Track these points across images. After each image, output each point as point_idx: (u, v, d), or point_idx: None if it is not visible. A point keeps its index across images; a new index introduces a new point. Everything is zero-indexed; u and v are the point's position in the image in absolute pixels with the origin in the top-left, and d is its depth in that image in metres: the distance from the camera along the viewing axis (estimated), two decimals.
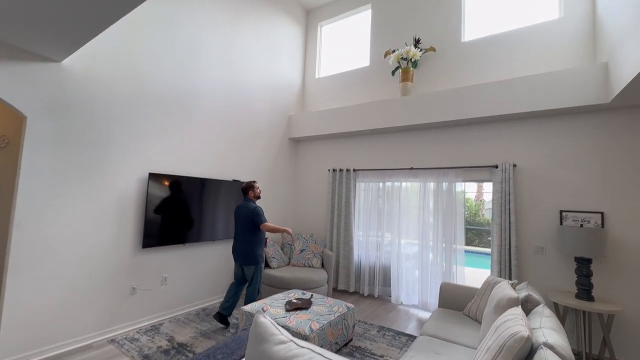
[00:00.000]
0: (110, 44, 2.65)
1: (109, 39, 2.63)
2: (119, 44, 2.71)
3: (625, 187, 2.73)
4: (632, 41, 2.21)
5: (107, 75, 2.64)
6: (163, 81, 3.06)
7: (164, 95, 3.07)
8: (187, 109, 3.28)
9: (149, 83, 2.94)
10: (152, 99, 2.96)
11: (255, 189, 3.10)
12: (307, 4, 5.03)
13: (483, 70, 3.54)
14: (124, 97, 2.76)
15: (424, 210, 3.72)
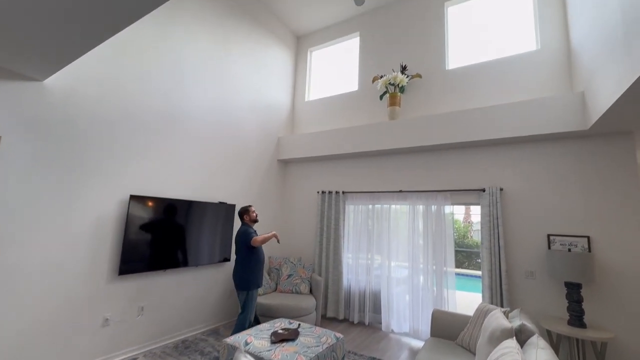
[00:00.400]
0: (96, 64, 2.62)
1: (94, 59, 2.60)
2: (104, 64, 2.68)
3: (608, 211, 2.78)
4: (605, 73, 2.32)
5: (90, 96, 2.58)
6: (149, 102, 3.02)
7: (150, 116, 3.02)
8: (173, 130, 3.23)
9: (134, 104, 2.89)
10: (136, 119, 2.91)
11: (250, 212, 3.12)
12: (298, 31, 5.18)
13: (467, 97, 3.66)
14: (108, 117, 2.69)
15: (413, 232, 3.69)
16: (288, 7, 4.60)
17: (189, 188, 3.36)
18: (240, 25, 4.15)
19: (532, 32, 3.50)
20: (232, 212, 3.76)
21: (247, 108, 4.22)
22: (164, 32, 3.17)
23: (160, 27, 3.13)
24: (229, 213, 3.73)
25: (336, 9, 4.62)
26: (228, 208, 3.73)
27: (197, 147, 3.48)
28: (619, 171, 2.78)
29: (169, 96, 3.20)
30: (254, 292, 2.94)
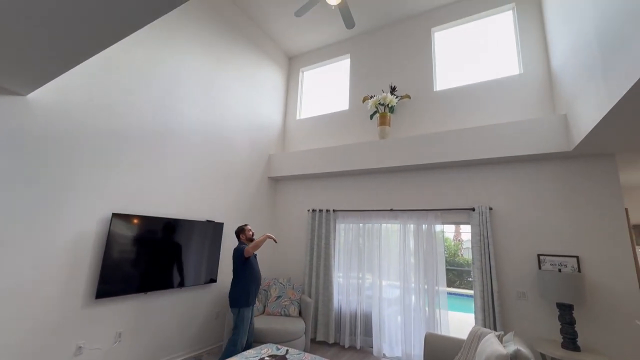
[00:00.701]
0: (83, 78, 2.57)
1: (82, 73, 2.56)
2: (92, 78, 2.64)
3: (595, 231, 2.82)
4: (585, 97, 2.41)
5: (76, 110, 2.52)
6: (138, 118, 2.97)
7: (138, 132, 2.96)
8: (162, 147, 3.17)
9: (122, 119, 2.84)
10: (124, 135, 2.84)
11: (246, 231, 3.17)
12: (290, 51, 5.29)
13: (455, 118, 3.74)
14: (93, 132, 2.62)
15: (404, 250, 3.64)
16: (281, 29, 4.71)
17: (175, 206, 3.27)
18: (234, 45, 4.20)
19: (514, 56, 3.66)
20: (219, 230, 3.66)
21: (239, 125, 4.21)
22: (156, 47, 3.18)
23: (152, 42, 3.14)
24: (216, 232, 3.63)
25: (327, 32, 4.75)
26: (216, 226, 3.63)
27: (186, 163, 3.41)
28: (604, 192, 2.84)
29: (159, 112, 3.16)
30: (245, 312, 2.83)
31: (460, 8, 4.03)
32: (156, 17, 1.43)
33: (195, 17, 3.64)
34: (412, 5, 4.15)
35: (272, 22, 4.56)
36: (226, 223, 3.81)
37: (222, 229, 3.68)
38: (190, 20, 3.58)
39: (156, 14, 1.41)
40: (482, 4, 3.89)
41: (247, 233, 3.16)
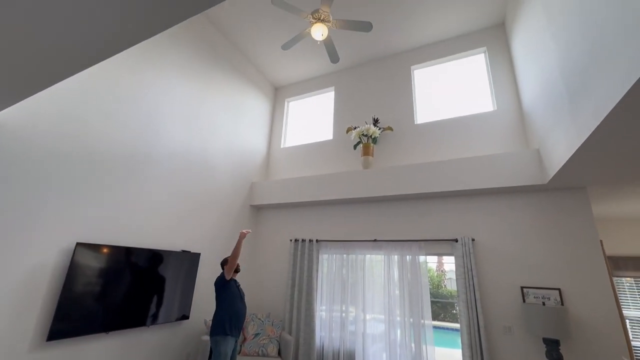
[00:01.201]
0: (57, 99, 2.47)
1: (56, 94, 2.46)
2: (67, 99, 2.53)
3: (574, 263, 2.86)
4: (556, 134, 2.55)
5: (47, 132, 2.39)
6: (115, 141, 2.85)
7: (114, 156, 2.84)
8: (139, 172, 3.04)
9: (97, 142, 2.72)
10: (98, 159, 2.71)
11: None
12: (276, 82, 5.42)
13: (436, 150, 3.86)
14: (64, 156, 2.48)
15: (389, 282, 3.54)
16: (268, 61, 4.84)
17: (149, 235, 3.07)
18: (221, 72, 4.26)
19: (488, 94, 3.89)
20: (195, 261, 3.45)
21: (222, 152, 4.15)
22: (139, 70, 3.14)
23: (134, 64, 3.11)
24: (192, 263, 3.41)
25: (313, 65, 4.92)
26: (192, 257, 3.42)
27: (164, 190, 3.27)
28: (579, 224, 2.92)
29: (138, 136, 3.06)
30: (221, 343, 2.65)
31: (436, 50, 4.32)
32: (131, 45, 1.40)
33: (182, 43, 3.69)
34: (392, 45, 4.41)
35: (260, 54, 4.69)
36: (203, 253, 3.61)
37: (198, 260, 3.47)
38: (177, 45, 3.61)
39: (131, 43, 1.38)
40: (457, 47, 4.19)
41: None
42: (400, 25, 4.05)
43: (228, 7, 3.83)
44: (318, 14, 2.90)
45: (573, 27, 2.07)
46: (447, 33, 4.17)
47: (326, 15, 2.91)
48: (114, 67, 2.90)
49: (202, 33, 3.99)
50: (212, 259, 3.73)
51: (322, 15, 2.90)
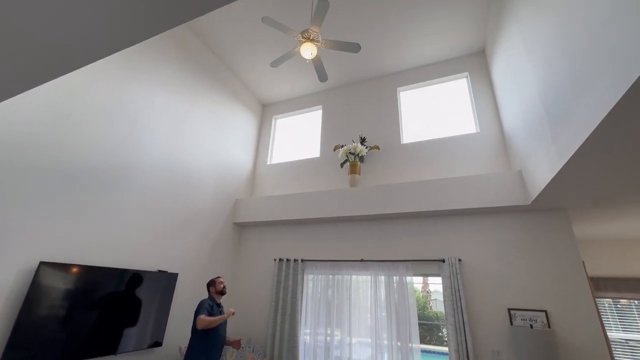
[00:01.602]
0: (29, 105, 2.33)
1: (31, 101, 2.33)
2: (41, 106, 2.39)
3: (559, 285, 2.86)
4: (537, 158, 2.62)
5: (14, 141, 2.24)
6: (91, 153, 2.71)
7: (89, 169, 2.69)
8: (116, 186, 2.88)
9: (73, 156, 2.57)
10: (71, 171, 2.55)
11: (217, 284, 2.96)
12: (263, 99, 5.43)
13: (422, 169, 3.89)
14: (33, 167, 2.32)
15: (376, 304, 3.43)
16: (256, 79, 4.86)
17: (124, 254, 2.88)
18: (208, 87, 4.22)
19: (471, 117, 4.01)
20: (172, 282, 3.24)
21: (205, 167, 4.03)
22: (119, 80, 3.05)
23: (117, 73, 3.02)
24: (169, 284, 3.21)
25: (301, 84, 4.98)
26: (169, 278, 3.22)
27: (141, 206, 3.11)
28: (562, 245, 2.96)
29: (115, 149, 2.93)
30: None
31: (421, 73, 4.46)
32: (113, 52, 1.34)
33: (168, 55, 3.65)
34: (379, 67, 4.53)
35: (248, 71, 4.70)
36: (182, 274, 3.41)
37: (175, 280, 3.27)
38: (162, 57, 3.57)
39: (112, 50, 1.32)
40: (441, 72, 4.35)
41: (218, 286, 2.95)
42: (387, 49, 4.18)
43: (217, 23, 3.86)
44: (307, 34, 2.94)
45: (551, 55, 2.17)
46: (432, 58, 4.33)
47: (315, 35, 2.96)
48: (91, 76, 2.81)
49: (189, 47, 3.98)
50: (190, 280, 3.53)
51: (311, 35, 2.94)
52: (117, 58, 3.00)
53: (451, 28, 3.83)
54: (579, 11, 1.76)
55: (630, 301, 4.39)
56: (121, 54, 3.05)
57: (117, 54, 3.01)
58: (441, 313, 5.42)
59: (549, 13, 2.15)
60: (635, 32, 1.32)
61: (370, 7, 3.54)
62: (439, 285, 4.37)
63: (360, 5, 3.52)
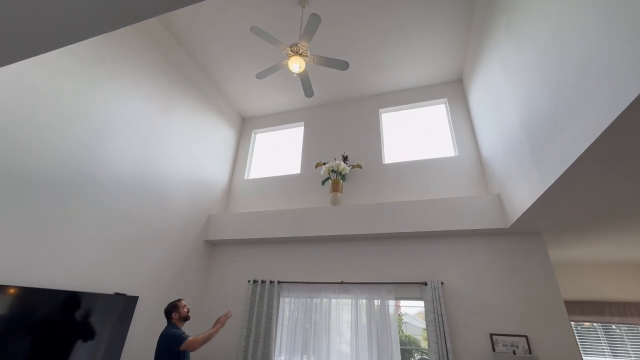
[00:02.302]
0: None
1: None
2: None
3: (537, 309, 2.88)
4: (517, 182, 2.69)
5: None
6: (48, 157, 2.39)
7: (45, 173, 2.35)
8: (74, 195, 2.54)
9: (27, 160, 2.24)
10: (23, 174, 2.21)
11: (180, 308, 2.57)
12: (243, 113, 5.28)
13: (404, 190, 3.89)
14: None
15: (356, 330, 3.25)
16: (237, 91, 4.73)
17: (76, 274, 2.50)
18: (185, 96, 4.01)
19: (450, 141, 4.13)
20: (131, 306, 2.87)
21: (177, 179, 3.75)
22: (91, 78, 2.78)
23: (87, 70, 2.75)
24: (127, 309, 2.83)
25: (283, 100, 4.92)
26: (127, 302, 2.84)
27: (103, 219, 2.77)
28: (539, 268, 3.02)
29: (79, 152, 2.61)
30: None
31: (402, 97, 4.58)
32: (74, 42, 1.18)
33: (146, 59, 3.43)
34: (362, 88, 4.60)
35: (230, 83, 4.57)
36: (142, 297, 3.04)
37: (135, 305, 2.90)
38: (140, 61, 3.34)
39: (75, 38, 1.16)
40: (421, 96, 4.49)
41: (182, 310, 2.58)
42: (370, 71, 4.26)
43: (200, 31, 3.73)
44: (297, 48, 2.90)
45: (532, 85, 2.27)
46: (412, 83, 4.48)
47: (304, 50, 2.93)
48: (57, 71, 2.54)
49: (169, 53, 3.79)
50: (153, 304, 3.16)
51: (300, 49, 2.91)
52: (87, 54, 2.76)
53: (431, 56, 4.00)
54: (561, 44, 1.85)
55: (595, 324, 4.57)
56: (94, 50, 2.81)
57: (90, 50, 2.77)
58: (414, 337, 5.28)
59: (529, 47, 2.27)
60: (621, 63, 1.38)
61: (355, 29, 3.61)
62: (410, 307, 4.27)
63: (345, 26, 3.57)
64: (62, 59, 2.55)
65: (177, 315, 2.57)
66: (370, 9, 3.36)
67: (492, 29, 2.93)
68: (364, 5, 3.31)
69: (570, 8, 1.71)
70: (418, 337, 4.96)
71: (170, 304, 2.62)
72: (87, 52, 2.77)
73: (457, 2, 3.28)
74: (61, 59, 2.54)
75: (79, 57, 2.69)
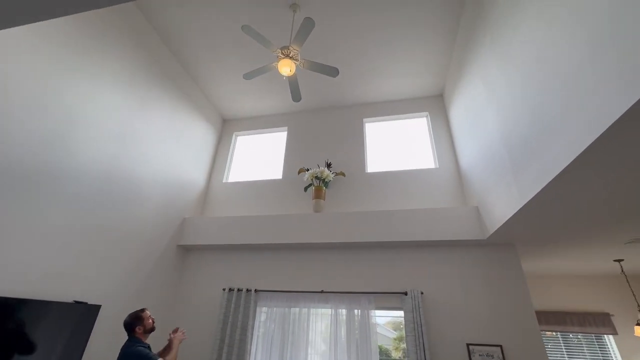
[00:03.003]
0: None
1: None
2: None
3: (511, 318, 2.97)
4: (496, 195, 2.79)
5: None
6: (9, 149, 2.14)
7: (2, 170, 2.10)
8: (34, 193, 2.29)
9: None
10: None
11: (145, 319, 2.30)
12: (225, 114, 5.13)
13: (386, 199, 3.92)
14: None
15: (336, 343, 3.17)
16: (220, 92, 4.59)
17: (30, 278, 2.23)
18: (164, 92, 3.81)
19: (430, 153, 4.25)
20: (92, 316, 2.61)
21: (151, 179, 3.52)
22: (61, 63, 2.56)
23: (57, 55, 2.52)
24: (87, 318, 2.57)
25: (267, 103, 4.83)
26: (88, 311, 2.58)
27: (66, 219, 2.51)
28: (513, 279, 3.13)
29: (42, 145, 2.37)
30: None
31: (386, 108, 4.67)
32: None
33: (125, 51, 3.23)
34: (347, 96, 4.63)
35: (213, 83, 4.42)
36: (106, 305, 2.78)
37: (96, 314, 2.64)
38: (117, 52, 3.14)
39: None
40: (404, 109, 4.60)
41: (147, 322, 2.30)
42: (355, 80, 4.31)
43: (186, 26, 3.58)
44: (287, 51, 2.86)
45: (513, 103, 2.38)
46: (396, 95, 4.58)
47: (295, 53, 2.89)
48: (23, 54, 2.30)
49: (150, 47, 3.60)
50: (118, 313, 2.89)
51: (291, 52, 2.87)
52: (58, 36, 2.53)
53: (415, 71, 4.12)
54: (546, 65, 1.95)
55: (556, 333, 4.82)
56: (67, 34, 2.59)
57: (62, 32, 2.55)
58: (384, 347, 5.28)
59: (513, 67, 2.39)
60: (604, 87, 1.47)
61: (344, 38, 3.64)
62: (380, 317, 4.25)
63: (333, 35, 3.58)
64: (28, 38, 2.32)
65: (142, 328, 2.28)
66: (359, 20, 3.40)
67: (476, 48, 3.06)
68: (353, 16, 3.35)
69: (557, 32, 1.81)
70: (389, 347, 4.96)
71: (132, 315, 2.32)
72: (60, 33, 2.55)
73: (443, 21, 3.41)
74: (27, 37, 2.31)
75: (49, 37, 2.46)
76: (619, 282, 4.87)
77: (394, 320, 4.17)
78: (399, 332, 3.96)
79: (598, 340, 4.71)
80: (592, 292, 4.89)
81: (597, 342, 4.70)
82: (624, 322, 4.60)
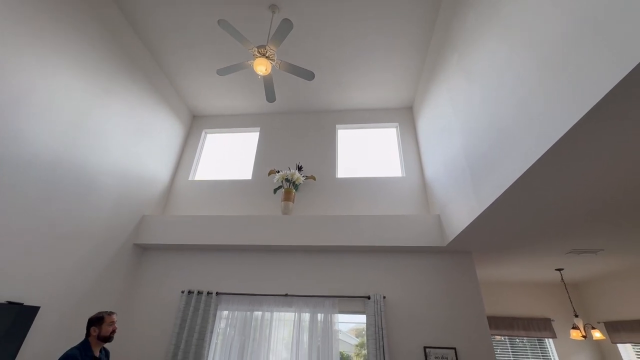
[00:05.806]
0: None
1: None
2: None
3: (464, 322, 3.13)
4: (456, 204, 2.95)
5: None
6: None
7: None
8: None
9: None
10: None
11: (105, 324, 2.11)
12: (195, 109, 4.95)
13: (354, 205, 3.99)
14: None
15: (297, 349, 3.13)
16: (191, 86, 4.43)
17: None
18: (129, 81, 3.60)
19: (398, 162, 4.40)
20: (29, 319, 2.35)
21: (109, 171, 3.29)
22: (11, 35, 2.33)
23: (6, 28, 2.30)
24: (22, 322, 2.31)
25: (240, 102, 4.74)
26: (22, 313, 2.32)
27: (5, 211, 2.25)
28: (468, 285, 3.31)
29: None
30: None
31: (358, 116, 4.78)
32: None
33: (87, 34, 3.01)
34: (321, 102, 4.68)
35: (183, 76, 4.26)
36: (46, 307, 2.53)
37: (33, 317, 2.38)
38: (79, 33, 2.92)
39: None
40: (375, 118, 4.74)
41: (105, 328, 2.13)
42: (330, 87, 4.37)
43: (158, 14, 3.43)
44: (264, 50, 2.84)
45: (477, 118, 2.55)
46: (368, 105, 4.71)
47: (272, 53, 2.88)
48: None
49: (116, 31, 3.39)
50: (60, 317, 2.64)
51: (268, 52, 2.85)
52: (13, 7, 2.31)
53: (387, 82, 4.27)
54: (504, 86, 2.12)
55: (503, 337, 5.15)
56: (20, 9, 2.37)
57: (15, 11, 2.32)
58: (346, 353, 5.33)
59: (476, 84, 2.56)
60: (552, 109, 1.62)
61: (321, 44, 3.69)
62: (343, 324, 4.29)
63: (311, 40, 3.63)
64: None
65: (97, 331, 2.12)
66: (337, 28, 3.47)
67: (445, 64, 3.25)
68: (331, 23, 3.41)
69: (515, 55, 1.98)
70: (350, 353, 5.00)
71: (96, 314, 2.18)
72: (14, 11, 2.32)
73: (416, 35, 3.59)
74: None
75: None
76: (558, 290, 5.34)
77: (357, 327, 4.22)
78: (361, 338, 4.02)
79: (540, 343, 5.10)
80: (536, 298, 5.31)
81: (539, 345, 5.10)
82: (562, 327, 5.03)
